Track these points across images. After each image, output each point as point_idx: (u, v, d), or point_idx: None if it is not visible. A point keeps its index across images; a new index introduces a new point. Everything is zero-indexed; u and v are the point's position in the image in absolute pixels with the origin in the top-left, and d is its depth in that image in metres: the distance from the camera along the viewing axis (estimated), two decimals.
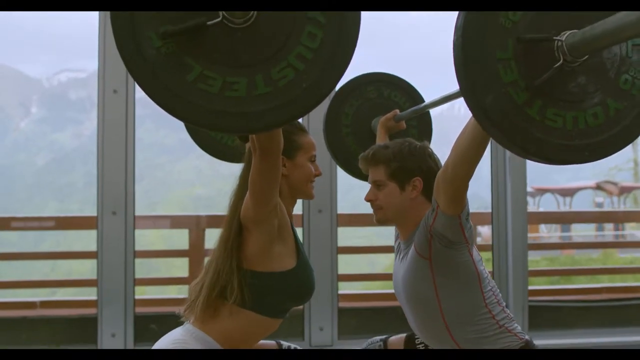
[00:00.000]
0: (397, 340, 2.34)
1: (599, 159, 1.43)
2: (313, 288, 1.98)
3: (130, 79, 3.92)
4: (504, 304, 2.07)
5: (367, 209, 2.23)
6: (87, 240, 4.17)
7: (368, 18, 1.39)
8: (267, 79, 1.31)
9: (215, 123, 1.33)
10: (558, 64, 1.34)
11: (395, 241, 2.22)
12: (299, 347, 2.27)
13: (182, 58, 1.29)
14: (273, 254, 1.86)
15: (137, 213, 4.03)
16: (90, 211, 4.21)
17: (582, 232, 18.72)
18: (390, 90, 2.79)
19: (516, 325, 2.05)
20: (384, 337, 2.39)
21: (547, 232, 18.69)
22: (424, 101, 2.81)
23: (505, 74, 1.34)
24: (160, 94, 1.30)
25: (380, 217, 2.12)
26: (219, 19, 1.29)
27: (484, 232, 9.65)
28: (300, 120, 1.94)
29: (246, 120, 1.31)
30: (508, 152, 4.28)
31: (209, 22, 1.29)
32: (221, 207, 1.99)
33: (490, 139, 1.65)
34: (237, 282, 1.83)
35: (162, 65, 1.29)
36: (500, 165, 4.38)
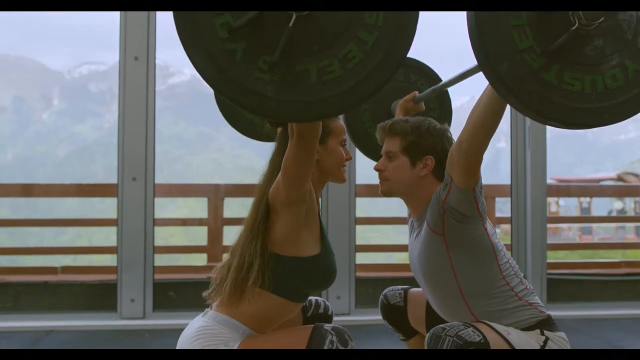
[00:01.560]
0: (418, 294, 2.32)
1: (619, 121, 1.42)
2: (334, 276, 1.97)
3: (151, 45, 3.96)
4: (522, 275, 2.04)
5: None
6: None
7: None
8: (366, 28, 1.34)
9: (355, 97, 1.35)
10: (574, 27, 1.32)
11: (409, 219, 2.20)
12: (322, 300, 2.26)
13: (294, 71, 1.32)
14: (299, 239, 1.85)
15: (156, 204, 4.06)
16: (110, 202, 4.24)
17: (603, 226, 18.67)
18: (417, 77, 2.76)
19: (537, 298, 2.02)
20: (405, 287, 2.37)
21: (567, 226, 18.68)
22: (449, 95, 2.81)
23: (520, 41, 1.34)
24: (302, 112, 1.35)
25: (384, 189, 2.09)
26: (293, 16, 1.30)
27: (504, 227, 9.50)
28: None
29: (374, 78, 1.34)
30: (528, 122, 4.26)
31: (290, 24, 1.30)
32: None
33: (507, 108, 1.65)
34: (262, 265, 1.83)
35: (286, 89, 1.32)
36: (520, 137, 4.36)
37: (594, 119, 1.38)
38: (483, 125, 1.69)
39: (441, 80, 2.76)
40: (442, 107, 2.79)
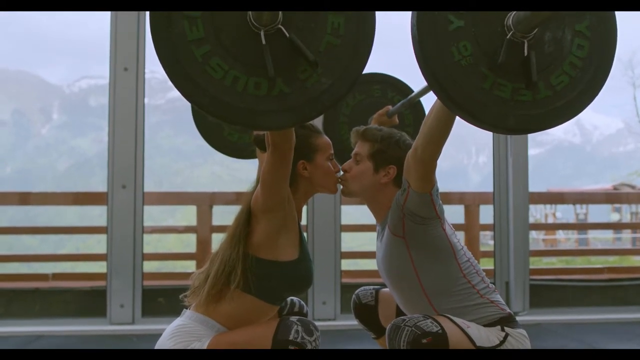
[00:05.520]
0: (388, 293, 2.39)
1: (606, 78, 1.51)
2: (311, 281, 2.07)
3: (141, 55, 4.07)
4: (484, 274, 2.13)
5: None
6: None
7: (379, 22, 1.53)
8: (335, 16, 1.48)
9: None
10: (525, 46, 1.43)
11: (376, 225, 2.29)
12: (297, 299, 2.34)
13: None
14: (277, 244, 1.94)
15: (156, 217, 4.12)
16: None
17: (599, 237, 18.74)
18: (394, 94, 2.89)
19: (498, 296, 2.11)
20: (377, 287, 2.46)
21: (564, 235, 18.75)
22: (424, 111, 2.91)
23: (501, 90, 1.44)
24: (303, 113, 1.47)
25: (344, 190, 2.19)
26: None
27: None
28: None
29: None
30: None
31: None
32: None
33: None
34: (242, 267, 1.92)
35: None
36: (502, 143, 4.45)
37: (592, 91, 1.49)
38: (435, 134, 1.81)
39: (419, 100, 2.88)
40: (417, 123, 2.89)
